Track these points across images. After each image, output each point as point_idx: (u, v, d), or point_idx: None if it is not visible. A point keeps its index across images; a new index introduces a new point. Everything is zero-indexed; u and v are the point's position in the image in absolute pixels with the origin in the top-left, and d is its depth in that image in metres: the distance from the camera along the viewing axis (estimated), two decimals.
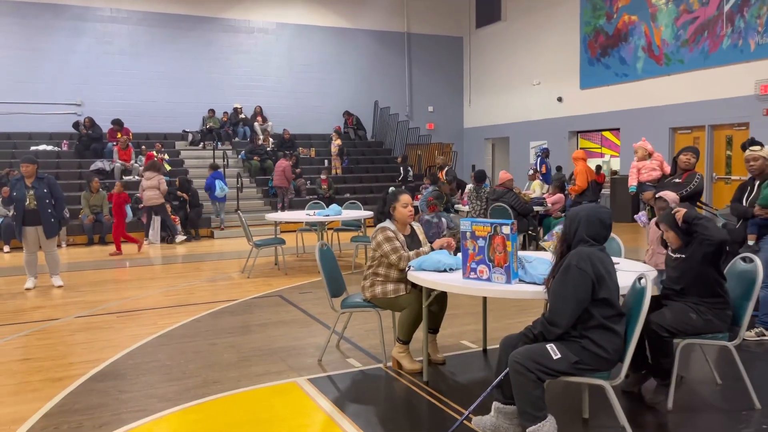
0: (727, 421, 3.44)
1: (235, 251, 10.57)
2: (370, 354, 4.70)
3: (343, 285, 4.77)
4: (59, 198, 7.53)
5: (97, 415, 3.64)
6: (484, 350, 4.76)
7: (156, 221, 11.83)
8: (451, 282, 3.61)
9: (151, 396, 3.93)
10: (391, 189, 4.68)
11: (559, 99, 17.11)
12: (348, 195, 15.48)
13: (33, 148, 14.84)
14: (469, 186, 9.70)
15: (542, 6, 17.56)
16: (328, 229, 9.86)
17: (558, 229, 3.83)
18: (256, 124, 17.67)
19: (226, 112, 17.67)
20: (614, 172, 15.74)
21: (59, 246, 11.37)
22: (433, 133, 20.20)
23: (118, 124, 15.39)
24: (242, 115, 17.75)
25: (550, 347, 2.89)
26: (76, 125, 15.41)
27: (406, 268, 4.09)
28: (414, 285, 4.19)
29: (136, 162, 14.64)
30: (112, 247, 10.80)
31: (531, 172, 13.63)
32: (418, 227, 4.60)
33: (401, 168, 17.09)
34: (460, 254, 4.15)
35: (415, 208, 5.02)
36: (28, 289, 7.47)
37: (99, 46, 16.55)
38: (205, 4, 17.64)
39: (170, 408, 3.72)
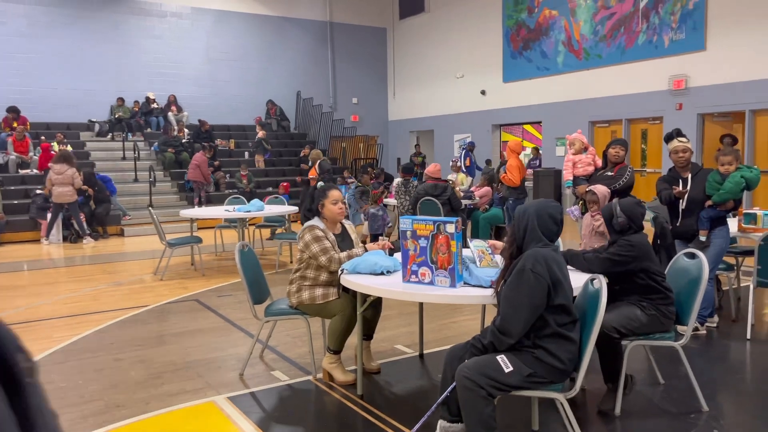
0: (677, 424, 3.29)
1: (147, 251, 9.79)
2: (298, 365, 4.29)
3: (266, 290, 4.32)
4: None
5: None
6: (421, 355, 4.45)
7: (59, 219, 10.82)
8: (390, 286, 3.25)
9: None
10: (320, 184, 4.26)
11: (483, 92, 17.16)
12: (270, 189, 14.85)
13: None
14: (397, 180, 9.41)
15: None
16: (250, 225, 9.28)
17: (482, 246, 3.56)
18: (170, 114, 16.67)
19: (137, 101, 16.56)
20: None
21: None
22: (358, 126, 19.83)
23: (13, 111, 14.04)
24: (155, 105, 16.69)
25: (501, 359, 2.60)
26: None
27: (338, 271, 3.71)
28: (345, 289, 3.82)
29: (34, 154, 13.39)
30: (8, 247, 9.75)
31: (454, 164, 13.47)
32: (349, 225, 4.22)
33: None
34: (397, 255, 3.82)
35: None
36: None
37: None
38: None
39: None
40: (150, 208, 7.69)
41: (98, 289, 6.99)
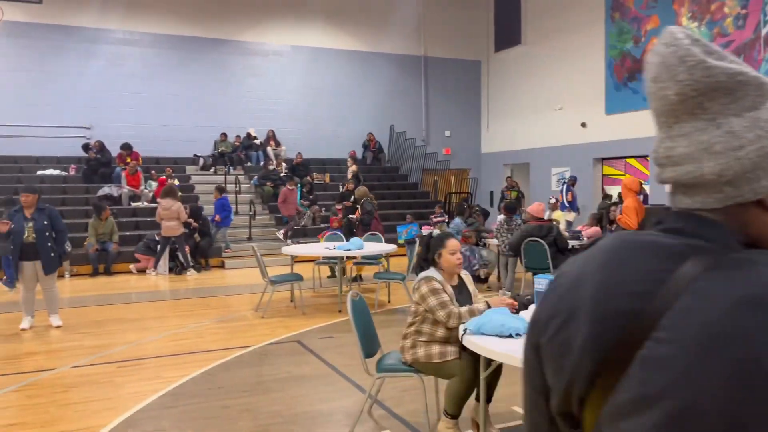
0: None
1: (247, 284, 9.93)
2: (410, 425, 4.02)
3: (377, 343, 4.11)
4: (61, 230, 6.95)
5: None
6: None
7: (166, 251, 11.26)
8: (519, 354, 2.93)
9: None
10: (436, 232, 4.04)
11: (583, 125, 16.50)
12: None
13: (40, 172, 14.38)
14: (500, 217, 9.05)
15: (563, 30, 17.06)
16: (349, 262, 9.19)
17: None
18: (269, 148, 17.18)
19: (238, 136, 17.20)
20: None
21: (62, 276, 10.82)
22: (451, 159, 19.61)
23: (127, 148, 14.93)
24: (255, 140, 17.27)
25: None
26: (85, 147, 14.97)
27: (458, 329, 3.44)
28: (465, 348, 3.53)
29: (145, 188, 14.12)
30: (119, 277, 10.21)
31: (553, 200, 12.94)
32: (467, 276, 3.95)
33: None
34: (523, 314, 3.51)
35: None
36: (23, 330, 6.86)
37: (110, 69, 16.17)
38: (219, 26, 17.28)
39: None
40: (253, 245, 7.77)
41: (203, 326, 7.07)
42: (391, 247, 8.26)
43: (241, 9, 17.47)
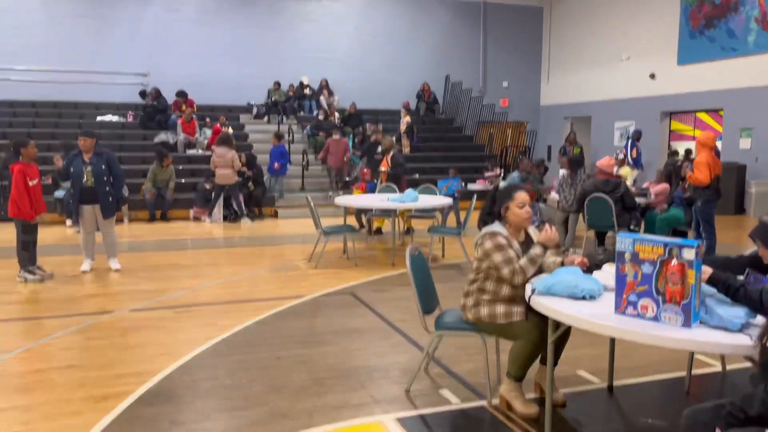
0: None
1: (299, 234, 9.91)
2: (468, 385, 3.86)
3: (436, 298, 3.93)
4: (118, 175, 6.99)
5: None
6: (610, 387, 3.83)
7: (220, 199, 11.33)
8: (598, 318, 2.69)
9: None
10: (502, 183, 3.76)
11: (652, 76, 15.55)
12: (417, 176, 14.57)
13: (99, 118, 14.63)
14: (563, 172, 8.63)
15: None
16: (404, 215, 8.98)
17: None
18: (321, 98, 16.94)
19: (291, 85, 17.02)
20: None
21: (120, 221, 11.04)
22: (508, 111, 18.93)
23: (182, 95, 14.97)
24: (308, 89, 17.05)
25: None
26: (142, 94, 15.12)
27: (527, 289, 3.20)
28: (531, 308, 3.30)
29: (200, 135, 14.19)
30: (175, 224, 10.35)
31: (621, 156, 12.24)
32: (534, 233, 3.68)
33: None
34: (596, 274, 3.24)
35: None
36: (84, 272, 7.00)
37: (167, 14, 16.13)
38: None
39: None
40: (307, 195, 7.66)
41: (256, 274, 7.07)
42: (446, 201, 8.00)
43: None
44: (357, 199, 8.44)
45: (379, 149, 10.43)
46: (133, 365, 4.18)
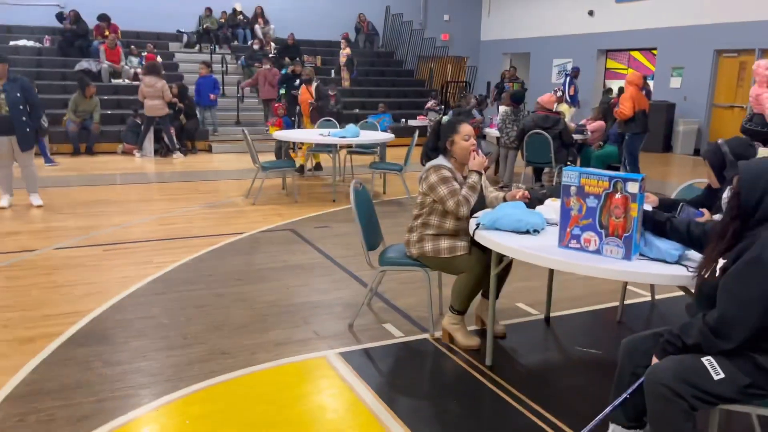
0: None
1: (236, 170, 9.61)
2: (411, 319, 3.88)
3: (380, 234, 3.88)
4: (35, 104, 6.47)
5: (73, 401, 2.83)
6: (547, 319, 3.95)
7: (151, 132, 10.77)
8: (541, 251, 2.71)
9: (143, 372, 3.11)
10: (445, 117, 3.67)
11: (590, 13, 15.61)
12: (357, 110, 14.31)
13: (12, 43, 13.44)
14: (504, 108, 8.62)
15: None
16: (342, 150, 8.82)
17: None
18: (256, 26, 16.17)
19: (224, 12, 16.11)
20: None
21: (39, 155, 10.38)
22: (449, 45, 18.68)
23: (104, 20, 13.93)
24: (242, 17, 16.20)
25: (710, 363, 2.04)
26: (59, 17, 13.95)
27: (471, 223, 3.19)
28: (475, 242, 3.30)
29: (125, 64, 13.33)
30: (101, 158, 9.81)
31: (559, 93, 12.28)
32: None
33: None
34: (539, 209, 3.26)
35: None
36: (2, 208, 6.56)
37: None
38: None
39: (166, 395, 2.90)
40: (243, 129, 7.34)
41: (192, 211, 6.82)
42: (389, 136, 7.88)
43: None
44: (295, 134, 8.18)
45: (299, 81, 10.08)
46: (61, 305, 3.98)
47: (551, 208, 3.23)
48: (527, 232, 2.96)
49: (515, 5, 18.22)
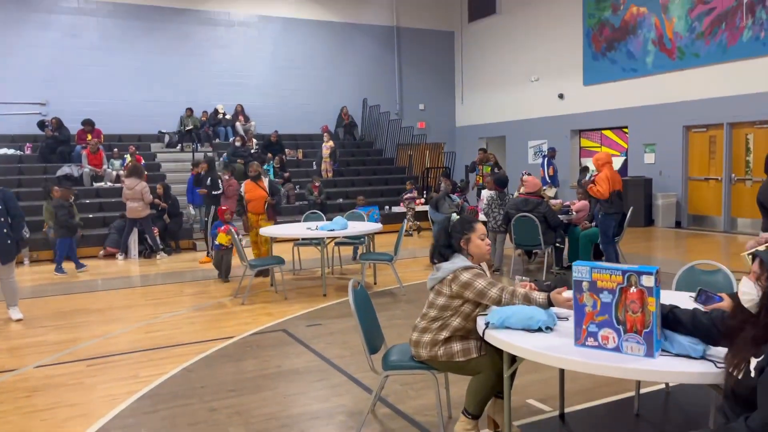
0: None
1: None
2: (420, 425, 3.66)
3: (381, 336, 3.72)
4: (17, 215, 6.33)
5: None
6: (562, 415, 3.75)
7: (134, 234, 10.63)
8: (557, 351, 2.58)
9: None
10: (454, 215, 3.62)
11: (561, 96, 16.23)
12: (340, 200, 14.41)
13: None
14: (488, 193, 8.70)
15: None
16: (331, 243, 8.74)
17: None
18: (237, 124, 16.48)
19: (205, 112, 16.45)
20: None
21: (21, 263, 10.15)
22: (426, 133, 19.17)
23: (88, 124, 14.09)
24: (223, 115, 16.54)
25: None
26: (41, 125, 14.09)
27: (478, 323, 3.06)
28: (486, 341, 3.16)
29: (108, 167, 13.37)
30: (83, 263, 9.58)
31: (526, 177, 12.27)
32: (483, 265, 3.57)
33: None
34: (553, 308, 3.14)
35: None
36: None
37: (66, 40, 15.19)
38: None
39: None
40: (229, 226, 7.27)
41: (178, 315, 6.59)
42: (376, 226, 7.83)
43: None
44: (283, 229, 8.11)
45: (211, 180, 9.82)
46: None
47: None
48: (539, 329, 2.85)
49: (487, 92, 18.91)
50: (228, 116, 16.60)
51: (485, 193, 9.78)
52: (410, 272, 8.64)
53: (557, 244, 8.15)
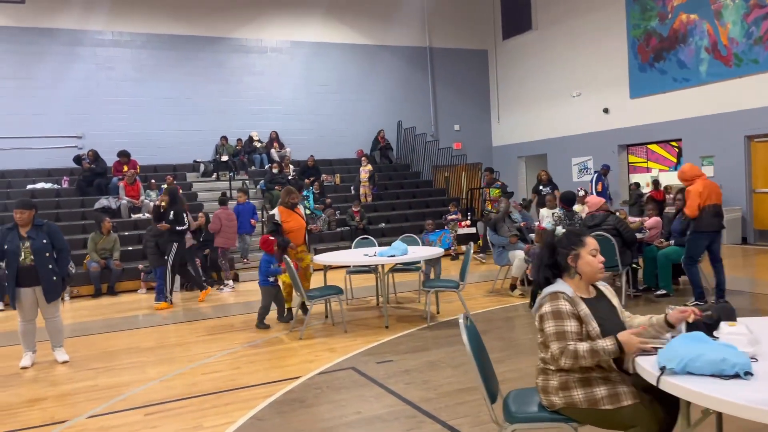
0: None
1: None
2: None
3: (496, 379, 3.15)
4: (63, 249, 5.94)
5: None
6: None
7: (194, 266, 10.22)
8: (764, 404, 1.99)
9: None
10: (559, 228, 3.08)
11: (605, 110, 15.63)
12: (383, 225, 13.91)
13: (30, 186, 13.31)
14: (556, 211, 8.10)
15: (579, 12, 16.18)
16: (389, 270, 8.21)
17: None
18: (273, 150, 16.18)
19: (240, 139, 16.20)
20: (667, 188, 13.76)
21: (62, 299, 9.77)
22: (461, 153, 18.68)
23: (124, 156, 13.88)
24: (258, 142, 16.26)
25: None
26: (77, 159, 13.93)
27: (640, 365, 2.49)
28: (647, 389, 2.58)
29: (145, 198, 13.09)
30: (123, 298, 9.17)
31: (581, 193, 11.57)
32: (606, 288, 3.00)
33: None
34: (727, 336, 2.56)
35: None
36: (24, 368, 5.84)
37: (100, 72, 15.13)
38: (213, 23, 16.26)
39: None
40: (285, 257, 6.78)
41: (235, 352, 6.08)
42: (438, 251, 7.28)
43: (234, 4, 16.47)
44: (337, 257, 7.60)
45: (174, 214, 8.83)
46: None
47: (738, 337, 2.54)
48: (736, 375, 2.25)
49: (525, 109, 18.39)
50: (263, 143, 16.32)
51: (544, 212, 9.20)
52: (472, 300, 8.04)
53: (634, 265, 7.50)
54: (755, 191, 12.35)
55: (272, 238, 6.98)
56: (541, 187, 13.07)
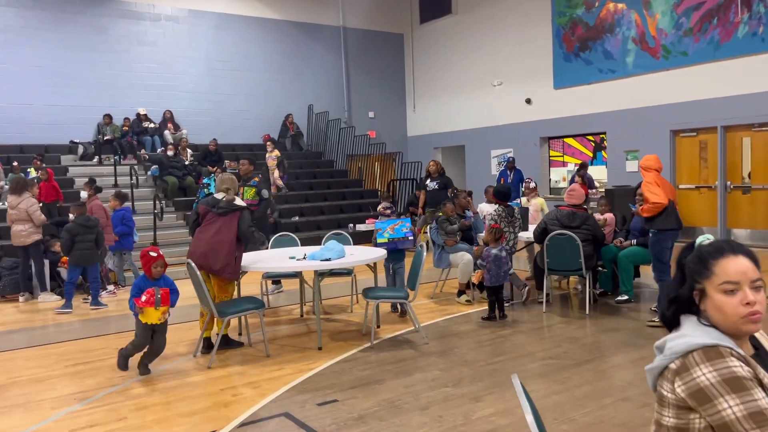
0: None
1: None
2: None
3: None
4: None
5: None
6: None
7: (37, 267, 8.27)
8: None
9: None
10: (702, 237, 1.91)
11: (528, 101, 15.05)
12: (296, 219, 12.47)
13: None
14: (493, 207, 7.11)
15: None
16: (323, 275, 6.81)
17: None
18: (166, 132, 14.21)
19: (127, 119, 14.08)
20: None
21: None
22: (379, 142, 17.54)
23: None
24: (149, 123, 14.21)
25: None
26: None
27: None
28: None
29: (5, 183, 10.82)
30: None
31: (532, 184, 10.07)
32: (763, 337, 1.89)
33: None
34: None
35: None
36: None
37: None
38: None
39: None
40: (189, 260, 5.22)
41: (125, 391, 4.51)
42: (381, 252, 6.01)
43: None
44: (257, 261, 6.13)
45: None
46: None
47: None
48: None
49: (443, 98, 17.54)
50: (155, 124, 14.29)
51: (485, 207, 8.24)
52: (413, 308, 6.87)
53: (600, 268, 6.67)
54: (679, 187, 12.16)
55: (152, 254, 5.12)
56: (428, 182, 10.87)
